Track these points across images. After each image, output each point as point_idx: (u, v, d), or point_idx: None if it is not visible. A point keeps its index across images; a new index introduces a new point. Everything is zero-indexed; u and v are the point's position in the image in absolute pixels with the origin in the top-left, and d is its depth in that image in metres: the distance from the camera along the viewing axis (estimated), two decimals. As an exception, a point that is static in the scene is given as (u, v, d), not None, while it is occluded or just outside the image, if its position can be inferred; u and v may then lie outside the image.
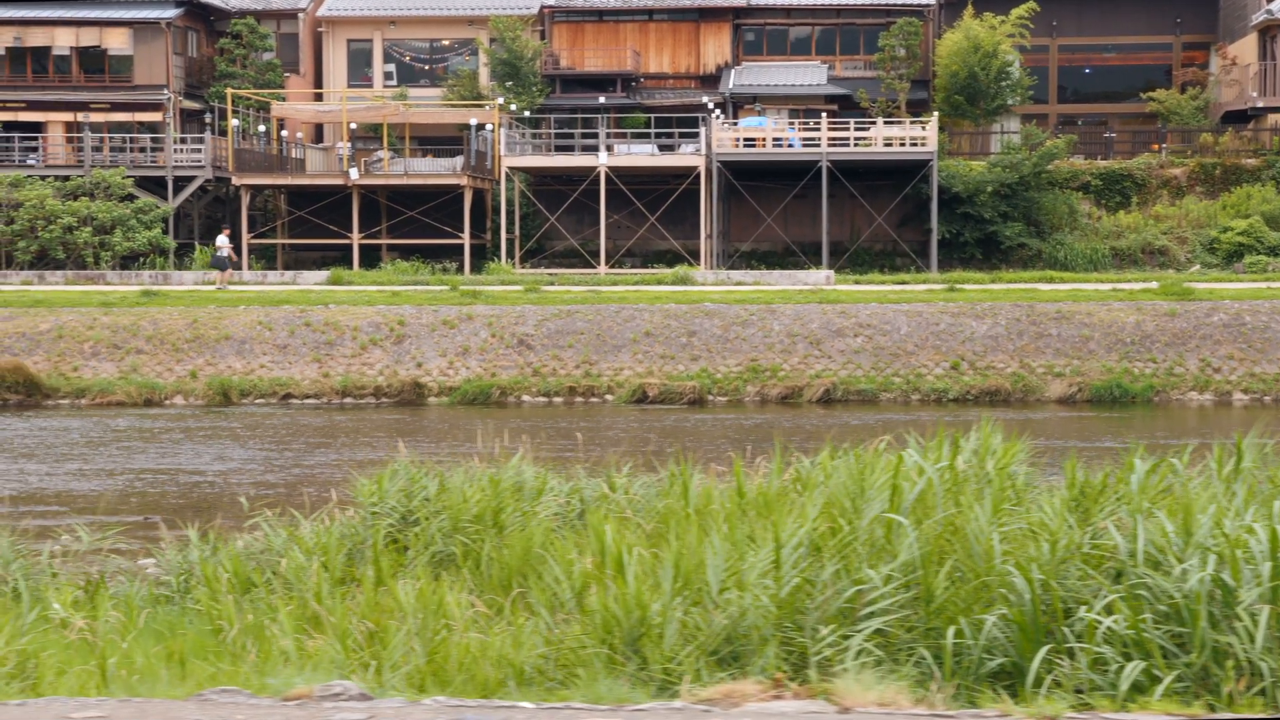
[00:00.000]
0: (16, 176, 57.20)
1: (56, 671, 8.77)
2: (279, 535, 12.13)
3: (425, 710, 5.97)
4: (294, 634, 9.21)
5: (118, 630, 9.82)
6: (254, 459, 31.25)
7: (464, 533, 10.88)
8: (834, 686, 6.25)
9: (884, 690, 6.14)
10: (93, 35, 63.06)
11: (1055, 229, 59.65)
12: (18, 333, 45.09)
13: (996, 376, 43.41)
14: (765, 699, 6.07)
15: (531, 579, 9.86)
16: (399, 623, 8.77)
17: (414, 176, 59.27)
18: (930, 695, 6.29)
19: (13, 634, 8.89)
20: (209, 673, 9.14)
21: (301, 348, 44.64)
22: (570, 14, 65.49)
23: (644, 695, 7.82)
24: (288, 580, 10.53)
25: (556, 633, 8.57)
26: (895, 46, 62.70)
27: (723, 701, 6.08)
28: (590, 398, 43.25)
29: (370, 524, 11.46)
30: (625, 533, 10.04)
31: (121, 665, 9.12)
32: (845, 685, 6.22)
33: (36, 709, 6.18)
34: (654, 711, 6.15)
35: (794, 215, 60.27)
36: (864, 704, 5.94)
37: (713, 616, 8.26)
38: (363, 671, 8.17)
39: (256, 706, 5.93)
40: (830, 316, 45.31)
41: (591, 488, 12.07)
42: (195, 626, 10.29)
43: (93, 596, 11.22)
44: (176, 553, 12.26)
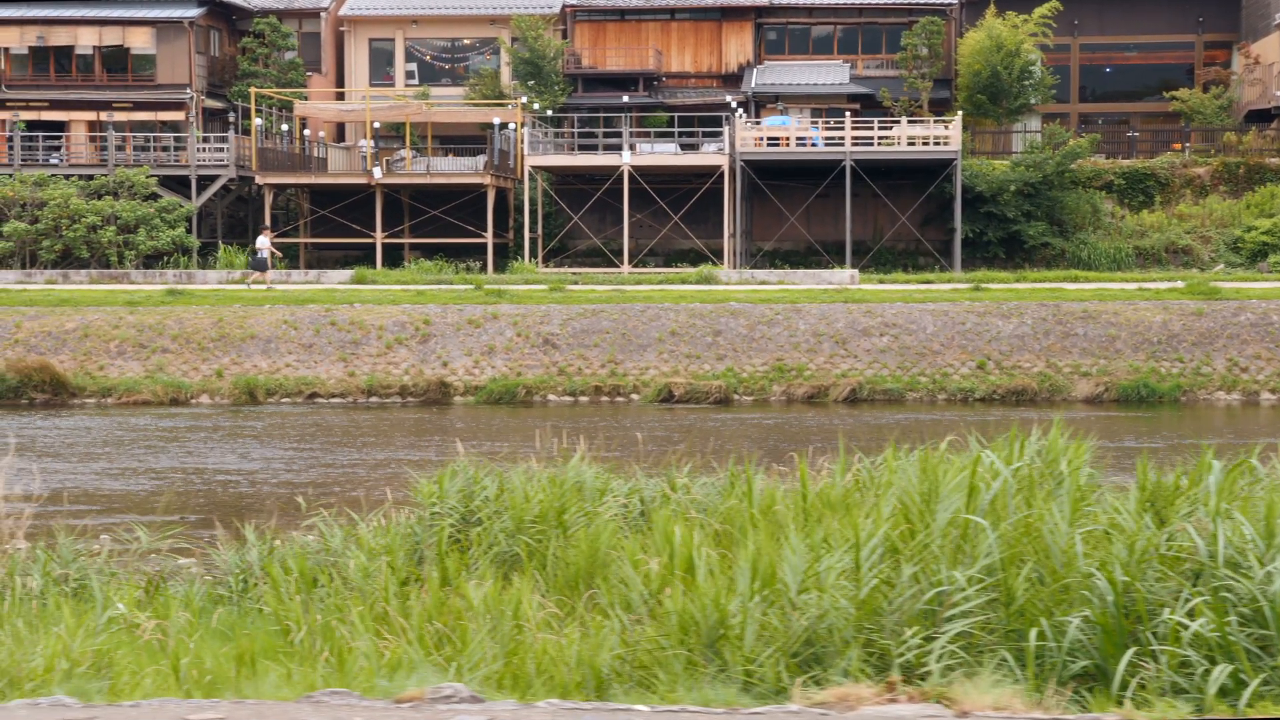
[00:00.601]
0: (40, 176, 57.31)
1: (131, 671, 8.75)
2: (335, 535, 12.11)
3: (541, 713, 5.93)
4: (366, 635, 9.18)
5: (184, 630, 9.80)
6: (287, 458, 31.26)
7: (526, 533, 10.85)
8: (950, 690, 6.22)
9: (1000, 694, 6.10)
10: (116, 34, 63.14)
11: (1078, 228, 59.53)
12: (44, 332, 45.15)
13: (1023, 376, 43.32)
14: (881, 702, 6.04)
15: (600, 580, 9.83)
16: (473, 624, 8.73)
17: (437, 175, 59.29)
18: (1046, 699, 6.26)
19: (88, 634, 8.87)
20: (280, 673, 9.11)
21: (327, 347, 44.65)
22: (592, 13, 65.47)
23: (727, 696, 7.78)
24: (349, 580, 10.50)
25: (633, 634, 8.53)
26: (918, 45, 62.58)
27: (838, 705, 6.04)
28: (616, 397, 43.22)
29: (430, 524, 11.43)
30: (692, 533, 10.01)
31: (192, 666, 9.11)
32: (961, 688, 6.18)
33: (151, 710, 6.15)
34: (770, 715, 6.11)
35: (816, 214, 60.21)
36: (981, 707, 5.90)
37: (791, 618, 8.23)
38: (442, 673, 8.14)
39: (371, 709, 5.90)
40: (856, 316, 45.24)
41: (650, 488, 12.03)
42: (258, 626, 10.27)
43: (153, 596, 11.21)
44: (233, 552, 12.24)
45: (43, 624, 9.60)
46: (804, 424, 37.47)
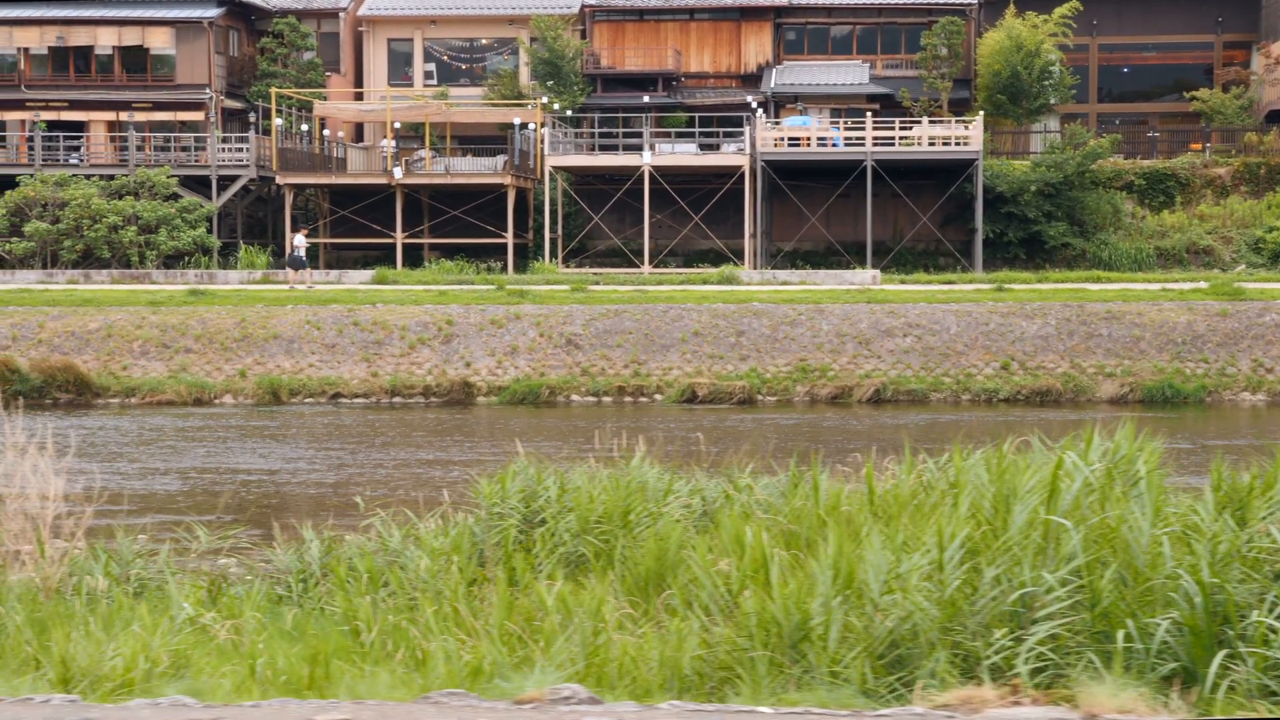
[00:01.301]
0: (61, 176, 57.35)
1: (208, 672, 8.73)
2: (393, 535, 12.07)
3: (663, 715, 5.90)
4: (441, 635, 9.16)
5: (252, 630, 9.77)
6: (320, 458, 31.26)
7: (592, 533, 10.81)
8: (1074, 692, 6.17)
9: (1126, 697, 6.06)
10: (135, 34, 63.19)
11: (1099, 229, 59.43)
12: (67, 331, 45.18)
13: (1047, 377, 43.25)
14: (1005, 705, 6.00)
15: (671, 580, 9.80)
16: (554, 625, 8.70)
17: (458, 176, 59.28)
18: (1172, 703, 6.21)
19: (165, 634, 8.85)
20: (352, 674, 9.09)
21: (350, 347, 44.65)
22: (611, 13, 65.44)
23: (814, 698, 7.75)
24: (417, 581, 10.46)
25: (714, 634, 8.49)
26: (937, 45, 62.47)
27: (961, 707, 6.00)
28: (639, 397, 43.19)
29: (492, 524, 11.40)
30: (762, 534, 9.98)
31: (266, 667, 9.09)
32: (1086, 691, 6.14)
33: (273, 710, 6.13)
34: (895, 717, 6.08)
35: (835, 215, 60.16)
36: (1107, 710, 5.85)
37: (874, 619, 8.19)
38: (524, 674, 8.10)
39: (493, 710, 5.86)
40: (879, 316, 45.18)
41: (711, 488, 11.99)
42: (324, 627, 10.23)
43: (215, 596, 11.19)
44: (291, 552, 12.22)
45: (115, 624, 9.58)
46: (834, 425, 37.42)
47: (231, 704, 6.76)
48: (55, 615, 10.04)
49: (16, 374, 42.67)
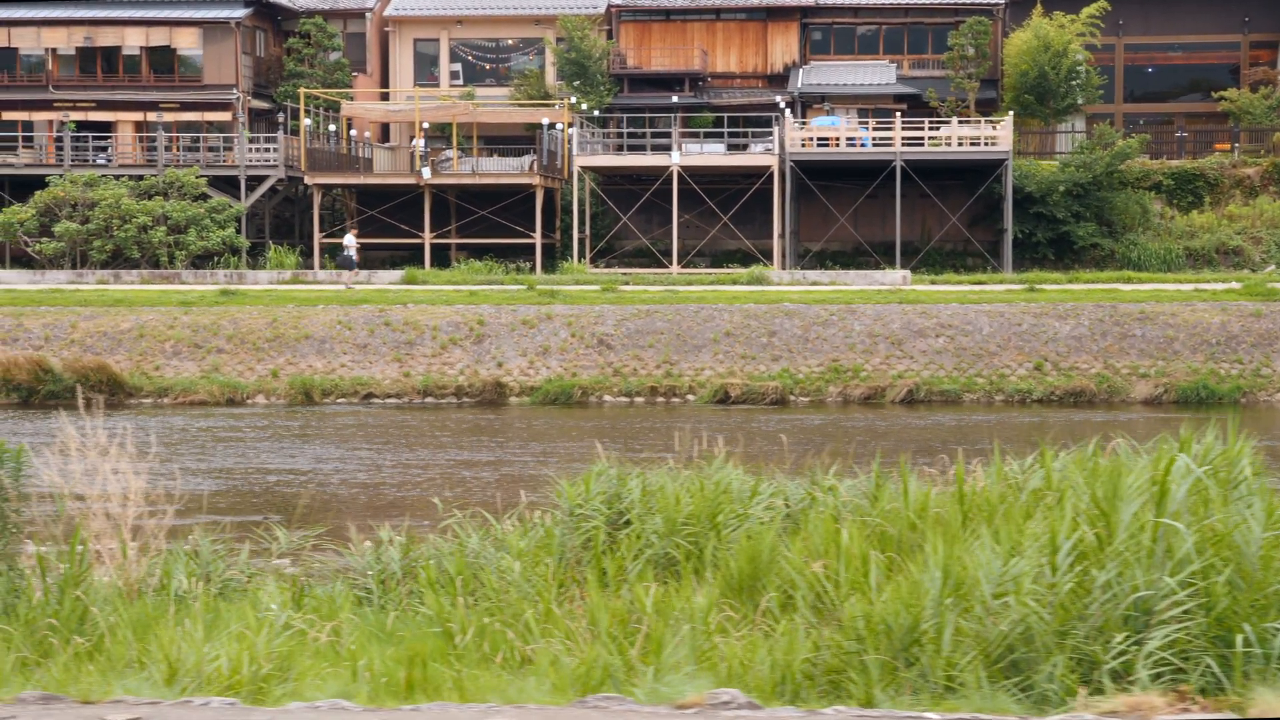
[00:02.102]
0: (91, 176, 57.39)
1: (312, 674, 8.70)
2: (471, 537, 12.02)
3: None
4: (542, 638, 9.11)
5: (348, 633, 9.73)
6: (362, 458, 31.25)
7: (679, 535, 10.75)
8: (1245, 699, 6.11)
9: (1297, 703, 6.00)
10: (162, 35, 63.25)
11: (1127, 229, 59.27)
12: (99, 332, 45.23)
13: (1080, 377, 43.15)
14: (1174, 712, 5.94)
15: (767, 582, 9.74)
16: (661, 628, 8.65)
17: (486, 176, 59.28)
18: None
19: (268, 636, 8.81)
20: (452, 677, 9.04)
21: (381, 347, 44.65)
22: (637, 13, 65.38)
23: (928, 703, 7.69)
24: (508, 583, 10.40)
25: (822, 636, 8.44)
26: (965, 45, 62.34)
27: (1129, 715, 5.94)
28: (672, 398, 43.14)
29: (574, 526, 11.34)
30: (858, 536, 9.92)
31: (365, 669, 9.05)
32: (1260, 700, 6.08)
33: (432, 715, 6.09)
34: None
35: (863, 215, 60.06)
36: (1279, 716, 5.80)
37: (989, 623, 8.13)
38: (640, 677, 8.06)
39: (655, 714, 5.82)
40: (911, 317, 45.10)
41: (793, 489, 11.91)
42: (412, 628, 10.18)
43: (298, 598, 11.15)
44: (370, 553, 12.18)
45: (208, 625, 9.54)
46: (880, 426, 37.29)
47: (391, 708, 6.71)
48: (148, 616, 10.01)
49: (50, 374, 42.75)
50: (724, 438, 12.83)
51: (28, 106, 63.97)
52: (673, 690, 6.67)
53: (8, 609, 10.35)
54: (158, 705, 6.94)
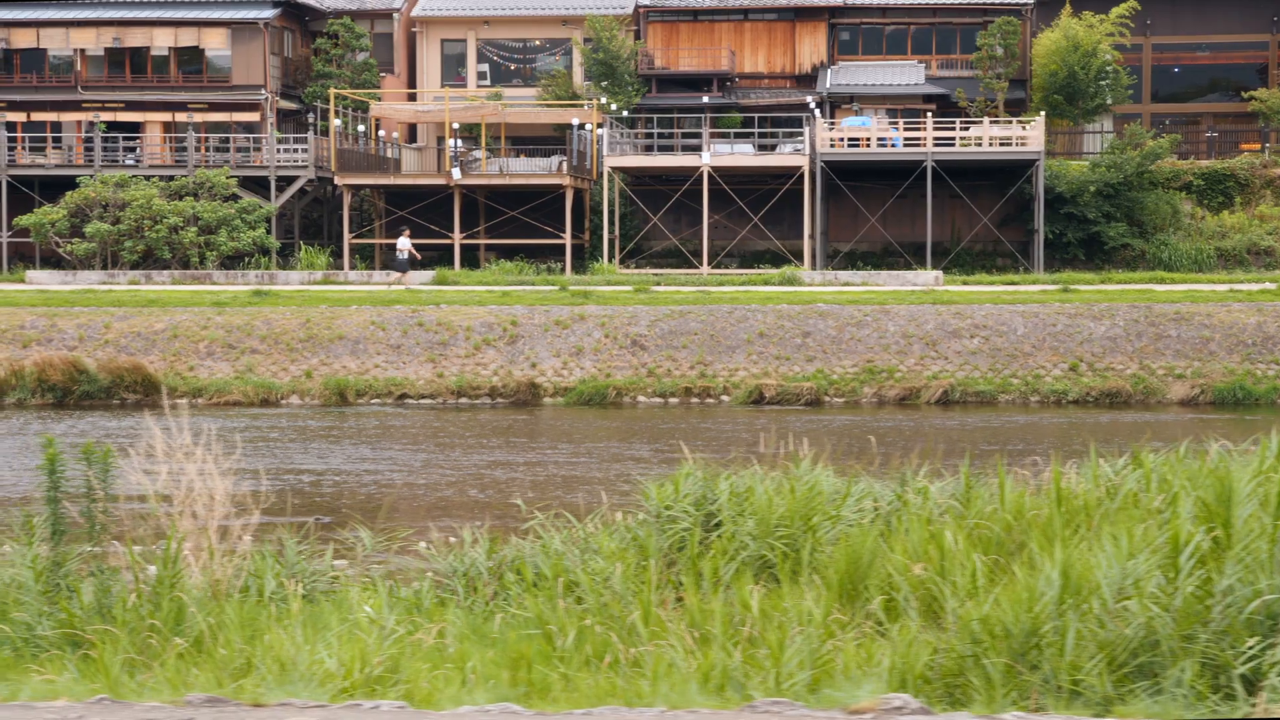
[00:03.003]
0: (122, 177, 57.44)
1: (423, 676, 8.65)
2: (554, 538, 11.96)
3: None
4: (650, 641, 9.06)
5: (442, 634, 9.68)
6: (404, 459, 31.22)
7: (773, 537, 10.69)
8: None
9: None
10: (191, 35, 63.31)
11: (1158, 229, 59.11)
12: (133, 332, 45.26)
13: (1116, 378, 43.02)
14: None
15: (871, 584, 9.68)
16: (780, 630, 8.59)
17: (516, 176, 59.24)
18: None
19: (378, 638, 8.77)
20: (563, 678, 8.99)
21: (415, 348, 44.63)
22: (665, 14, 65.32)
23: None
24: (601, 585, 10.34)
25: (939, 640, 8.37)
26: (994, 46, 62.23)
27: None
28: (706, 399, 43.07)
29: (662, 528, 11.28)
30: (960, 538, 9.86)
31: (471, 671, 9.00)
32: None
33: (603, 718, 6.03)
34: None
35: (891, 215, 59.98)
36: None
37: (1111, 626, 8.06)
38: (760, 680, 8.00)
39: (830, 719, 5.76)
40: (945, 317, 45.00)
41: (879, 491, 11.85)
42: (504, 631, 10.12)
43: (390, 600, 11.08)
44: (453, 554, 12.12)
45: (309, 627, 9.51)
46: (920, 426, 37.15)
47: (560, 712, 6.66)
48: (243, 617, 9.97)
49: (85, 374, 42.78)
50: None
51: (56, 107, 64.06)
52: (846, 696, 6.61)
53: (103, 610, 10.32)
54: (326, 709, 6.90)
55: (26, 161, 61.52)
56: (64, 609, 10.37)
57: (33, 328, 45.38)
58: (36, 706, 7.04)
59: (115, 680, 8.66)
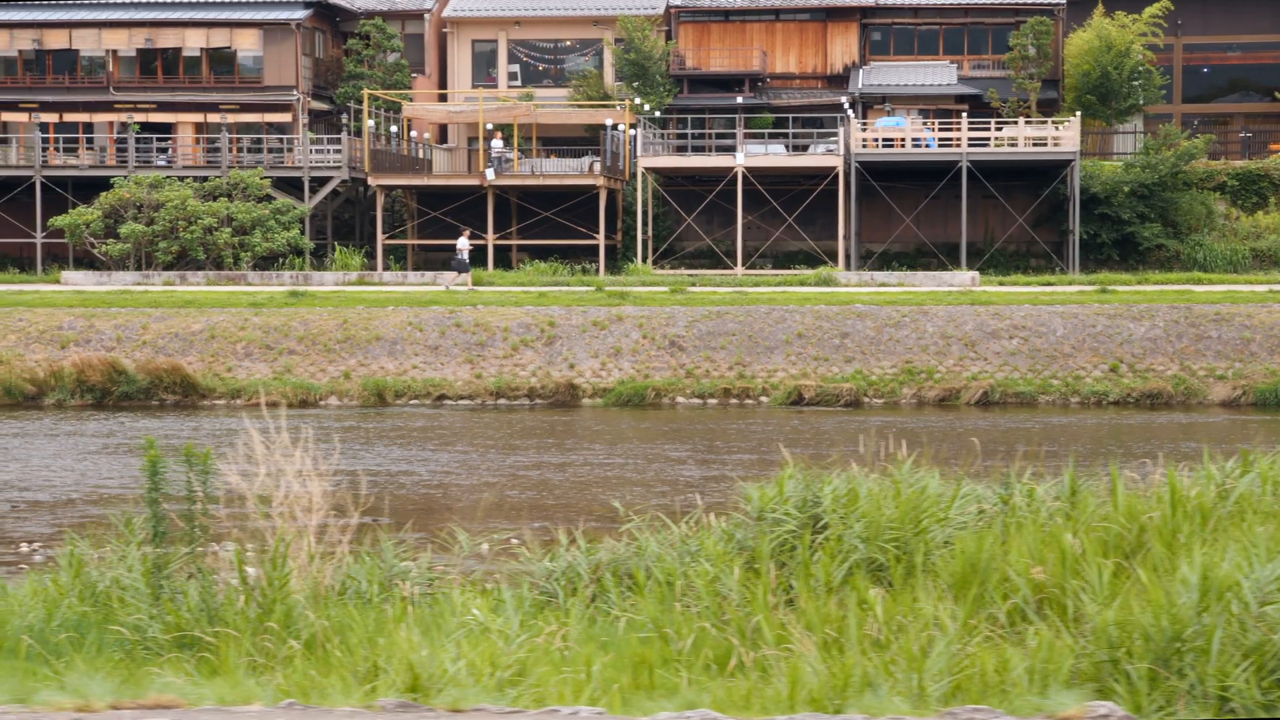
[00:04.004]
0: (156, 177, 57.49)
1: (551, 679, 8.58)
2: (649, 540, 11.88)
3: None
4: (777, 645, 8.98)
5: (565, 638, 9.60)
6: (453, 459, 31.17)
7: (882, 539, 10.59)
8: None
9: None
10: (223, 36, 63.36)
11: (1192, 230, 58.91)
12: (170, 333, 45.26)
13: (1156, 379, 42.87)
14: None
15: (993, 587, 9.59)
16: (919, 635, 8.50)
17: (550, 177, 59.19)
18: None
19: (505, 640, 8.70)
20: (692, 682, 8.92)
21: (453, 348, 44.59)
22: (697, 14, 65.23)
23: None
24: (707, 587, 10.26)
25: (1078, 645, 8.27)
26: (1026, 46, 62.04)
27: None
28: (745, 399, 42.98)
29: (764, 530, 11.19)
30: (1082, 539, 9.77)
31: (589, 675, 8.93)
32: None
33: None
34: None
35: (924, 216, 59.84)
36: None
37: (1254, 631, 7.95)
38: (900, 686, 7.92)
39: (1039, 728, 5.70)
40: (983, 318, 44.87)
41: (982, 492, 11.75)
42: (612, 633, 10.04)
43: (495, 603, 11.02)
44: (547, 556, 12.05)
45: (426, 631, 9.44)
46: (963, 426, 37.00)
47: (761, 717, 6.58)
48: (350, 619, 9.91)
49: (123, 375, 42.81)
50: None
51: (88, 108, 64.13)
52: (1054, 703, 6.52)
53: (210, 612, 10.26)
54: (521, 714, 6.82)
55: (59, 162, 61.60)
56: (170, 611, 10.32)
57: (70, 328, 45.41)
58: (234, 711, 6.99)
59: (238, 682, 8.59)
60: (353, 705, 7.11)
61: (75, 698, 7.08)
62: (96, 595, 11.03)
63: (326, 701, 7.34)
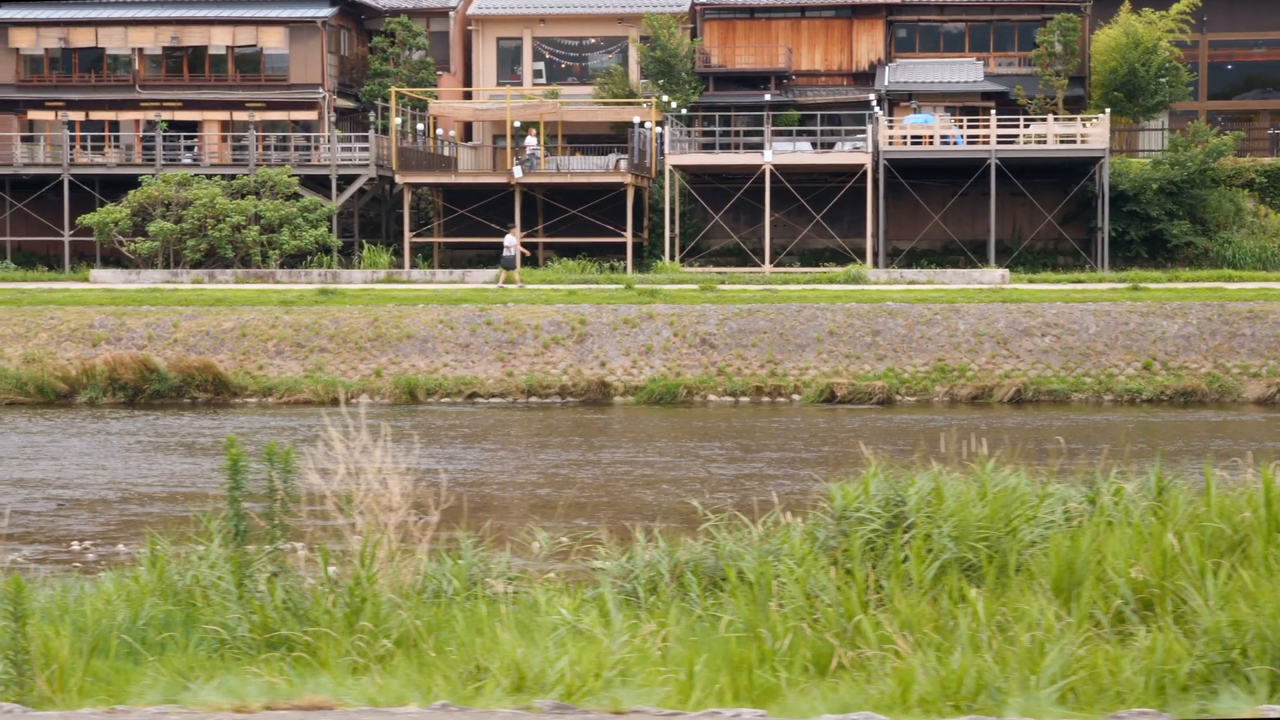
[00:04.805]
0: (184, 175, 57.54)
1: (654, 681, 8.52)
2: (725, 539, 11.80)
3: None
4: (868, 645, 8.91)
5: (665, 639, 9.54)
6: (495, 457, 31.12)
7: (971, 539, 10.50)
8: None
9: None
10: (249, 34, 63.37)
11: (1221, 227, 58.77)
12: (201, 331, 45.27)
13: (1190, 377, 42.71)
14: None
15: (1093, 587, 9.51)
16: (1042, 636, 8.43)
17: (578, 175, 59.15)
18: None
19: (610, 643, 8.64)
20: (792, 684, 8.86)
21: (484, 346, 44.53)
22: (722, 11, 65.15)
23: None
24: (795, 587, 10.18)
25: (1192, 647, 8.20)
26: (1053, 42, 61.91)
27: None
28: (777, 397, 42.89)
29: (846, 530, 11.11)
30: (1185, 539, 9.69)
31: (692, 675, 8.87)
32: None
33: None
34: None
35: (951, 213, 59.73)
36: None
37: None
38: (1019, 689, 7.85)
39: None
40: (1015, 316, 44.74)
41: (1065, 491, 11.66)
42: (699, 633, 9.97)
43: (577, 601, 10.95)
44: (625, 555, 11.98)
45: (520, 631, 9.38)
46: (1002, 424, 36.76)
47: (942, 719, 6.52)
48: (443, 619, 9.86)
49: (155, 373, 42.80)
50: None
51: (114, 106, 64.19)
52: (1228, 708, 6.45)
53: (296, 610, 10.20)
54: (682, 716, 6.76)
55: (85, 161, 61.65)
56: (256, 610, 10.27)
57: (102, 327, 45.44)
58: (392, 712, 6.93)
59: (339, 682, 8.54)
60: (508, 708, 7.04)
61: (232, 698, 7.03)
62: (177, 594, 10.99)
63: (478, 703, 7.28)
